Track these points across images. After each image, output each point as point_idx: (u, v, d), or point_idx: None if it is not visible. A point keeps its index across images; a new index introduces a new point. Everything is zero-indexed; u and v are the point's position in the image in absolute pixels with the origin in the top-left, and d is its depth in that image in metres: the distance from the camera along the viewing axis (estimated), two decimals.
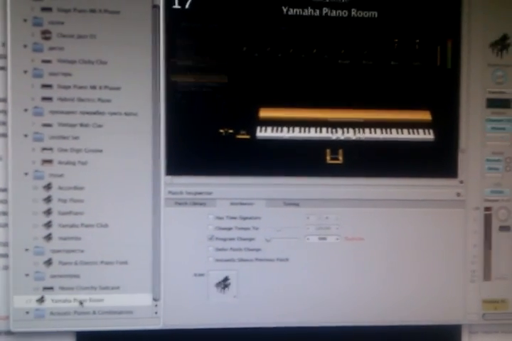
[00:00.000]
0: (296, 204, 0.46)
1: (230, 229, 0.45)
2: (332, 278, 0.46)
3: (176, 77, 0.44)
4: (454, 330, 0.48)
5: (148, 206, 0.44)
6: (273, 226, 0.45)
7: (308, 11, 0.46)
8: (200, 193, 0.45)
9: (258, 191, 0.45)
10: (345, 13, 0.46)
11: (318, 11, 0.46)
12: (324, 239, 0.46)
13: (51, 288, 0.43)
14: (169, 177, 0.44)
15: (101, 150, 0.44)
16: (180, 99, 0.44)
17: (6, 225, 0.43)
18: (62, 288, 0.44)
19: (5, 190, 0.43)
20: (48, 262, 0.43)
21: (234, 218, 0.45)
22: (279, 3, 0.45)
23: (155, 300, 0.44)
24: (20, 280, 0.43)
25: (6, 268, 0.43)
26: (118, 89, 0.44)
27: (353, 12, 0.46)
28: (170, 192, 0.44)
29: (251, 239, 0.45)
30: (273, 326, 0.46)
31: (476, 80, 0.47)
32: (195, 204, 0.45)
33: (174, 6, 0.44)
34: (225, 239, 0.45)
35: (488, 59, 0.47)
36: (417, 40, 0.46)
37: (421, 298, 0.47)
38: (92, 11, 0.43)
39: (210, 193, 0.45)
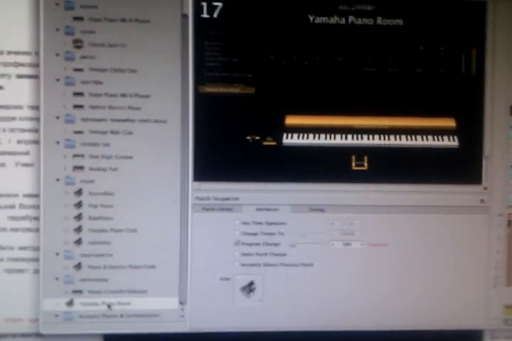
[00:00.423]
0: (321, 210, 0.46)
1: (255, 234, 0.45)
2: (356, 283, 0.46)
3: (204, 85, 0.45)
4: (476, 335, 0.48)
5: (176, 211, 0.44)
6: (298, 231, 0.46)
7: (334, 19, 0.46)
8: (226, 199, 0.45)
9: (283, 197, 0.45)
10: (370, 21, 0.46)
11: (344, 19, 0.46)
12: (348, 244, 0.46)
13: (80, 292, 0.44)
14: (197, 183, 0.45)
15: (131, 157, 0.44)
16: (207, 107, 0.45)
17: (37, 230, 0.43)
18: (90, 292, 0.44)
19: (37, 195, 0.43)
20: (78, 266, 0.44)
21: (260, 223, 0.45)
22: (305, 12, 0.45)
23: (181, 303, 0.45)
24: (50, 283, 0.44)
25: (37, 271, 0.44)
26: (148, 97, 0.44)
27: (379, 20, 0.46)
28: (197, 198, 0.45)
29: (276, 244, 0.45)
30: (297, 330, 0.46)
31: (500, 87, 0.47)
32: (222, 209, 0.45)
33: (203, 15, 0.44)
34: (250, 244, 0.45)
35: None
36: (442, 48, 0.46)
37: (444, 303, 0.47)
38: (123, 20, 0.43)
39: (236, 199, 0.45)
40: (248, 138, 0.45)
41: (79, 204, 0.44)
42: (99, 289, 0.44)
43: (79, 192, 0.44)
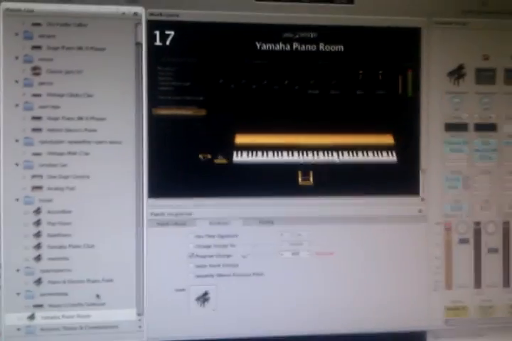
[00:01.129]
0: (271, 223, 0.49)
1: (209, 246, 0.49)
2: (304, 290, 0.50)
3: (158, 108, 0.48)
4: (420, 336, 0.51)
5: (132, 227, 0.48)
6: (249, 243, 0.49)
7: (279, 46, 0.49)
8: (180, 214, 0.48)
9: (235, 211, 0.49)
10: (313, 48, 0.50)
11: (288, 46, 0.50)
12: (297, 254, 0.49)
13: (41, 306, 0.47)
14: (152, 200, 0.48)
15: (88, 176, 0.47)
16: (161, 128, 0.48)
17: None
18: (51, 306, 0.47)
19: None
20: (38, 281, 0.46)
21: (212, 236, 0.49)
22: (252, 39, 0.49)
23: (139, 314, 0.48)
24: (11, 298, 0.46)
25: None
26: (103, 119, 0.47)
27: (321, 46, 0.50)
28: (152, 214, 0.48)
29: (228, 256, 0.49)
30: (250, 336, 0.49)
31: (435, 106, 0.51)
32: (176, 224, 0.48)
33: (156, 43, 0.48)
34: (204, 256, 0.49)
35: (445, 87, 0.51)
36: (380, 71, 0.51)
37: (388, 306, 0.50)
38: (80, 48, 0.47)
39: (190, 214, 0.48)
40: (200, 156, 0.48)
41: (38, 223, 0.47)
42: (59, 303, 0.47)
43: (38, 211, 0.47)
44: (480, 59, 0.52)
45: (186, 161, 0.48)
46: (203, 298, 0.49)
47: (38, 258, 0.46)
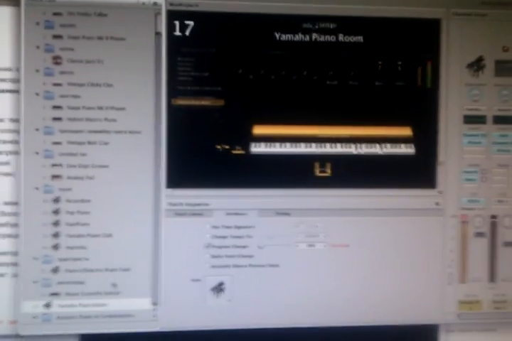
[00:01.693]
0: (287, 214, 0.51)
1: (225, 237, 0.50)
2: (319, 282, 0.51)
3: (177, 98, 0.50)
4: (432, 329, 0.53)
5: (149, 217, 0.49)
6: (265, 234, 0.51)
7: (299, 37, 0.51)
8: (198, 204, 0.50)
9: (252, 202, 0.51)
10: (333, 38, 0.51)
11: (308, 37, 0.51)
12: (313, 245, 0.51)
13: (58, 294, 0.48)
14: (170, 190, 0.50)
15: (107, 166, 0.49)
16: (180, 118, 0.50)
17: (17, 236, 0.48)
18: (68, 294, 0.49)
19: (17, 203, 0.48)
20: (55, 270, 0.48)
21: (229, 227, 0.50)
22: (271, 30, 0.50)
23: (154, 304, 0.49)
24: (28, 286, 0.48)
25: (16, 275, 0.48)
26: (123, 109, 0.49)
27: (340, 37, 0.51)
28: (170, 204, 0.50)
29: (245, 247, 0.51)
30: (264, 327, 0.51)
31: (454, 98, 0.52)
32: (193, 214, 0.50)
33: (175, 33, 0.49)
34: (220, 247, 0.50)
35: (465, 79, 0.52)
36: (399, 62, 0.52)
37: (402, 299, 0.52)
38: (100, 38, 0.48)
39: (207, 204, 0.50)
40: (218, 147, 0.50)
41: (57, 211, 0.48)
42: (75, 291, 0.49)
43: (57, 200, 0.48)
44: (499, 51, 0.53)
45: (204, 152, 0.50)
46: (219, 288, 0.50)
47: (56, 246, 0.48)
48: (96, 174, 0.49)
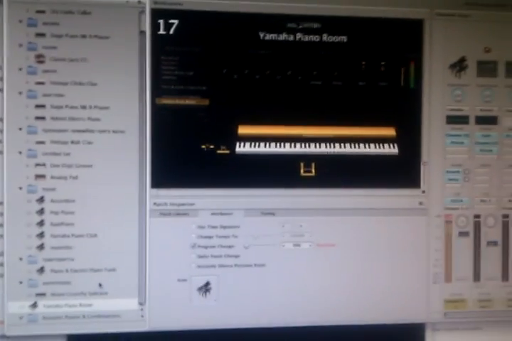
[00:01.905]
0: (272, 214, 0.51)
1: (211, 237, 0.50)
2: (306, 281, 0.51)
3: (161, 97, 0.50)
4: (419, 328, 0.53)
5: (134, 217, 0.49)
6: (251, 234, 0.51)
7: (283, 36, 0.51)
8: (183, 204, 0.50)
9: (237, 202, 0.51)
10: (317, 38, 0.51)
11: (292, 36, 0.51)
12: (298, 245, 0.51)
13: (43, 294, 0.48)
14: (154, 190, 0.49)
15: (91, 166, 0.48)
16: (164, 117, 0.49)
17: (1, 236, 0.47)
18: (53, 294, 0.48)
19: (1, 203, 0.47)
20: (41, 270, 0.48)
21: (215, 227, 0.50)
22: (256, 29, 0.51)
23: (141, 304, 0.49)
24: (14, 287, 0.48)
25: (1, 276, 0.48)
26: (107, 108, 0.48)
27: (324, 37, 0.52)
28: (155, 204, 0.49)
29: (230, 246, 0.51)
30: (251, 327, 0.51)
31: (437, 99, 0.53)
32: (178, 214, 0.50)
33: (160, 32, 0.49)
34: (206, 247, 0.50)
35: (447, 79, 0.53)
36: (383, 63, 0.52)
37: (388, 298, 0.52)
38: (83, 36, 0.48)
39: (192, 204, 0.50)
40: (203, 146, 0.50)
41: (41, 211, 0.48)
42: (61, 292, 0.48)
43: (41, 200, 0.48)
44: (481, 51, 0.53)
45: (189, 151, 0.50)
46: (205, 288, 0.50)
47: (40, 246, 0.48)
48: (80, 174, 0.48)
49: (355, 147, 0.52)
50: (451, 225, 0.53)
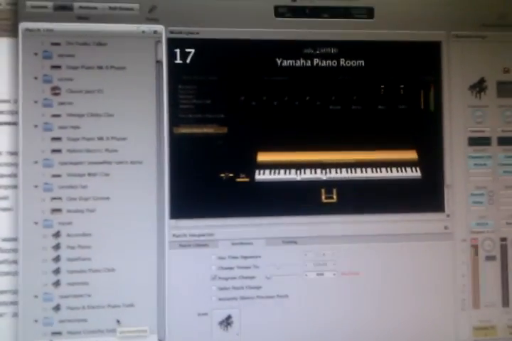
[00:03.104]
0: (294, 242, 0.49)
1: (231, 268, 0.48)
2: (330, 311, 0.49)
3: (179, 127, 0.48)
4: None
5: (153, 249, 0.47)
6: (273, 264, 0.49)
7: (300, 62, 0.50)
8: (202, 235, 0.48)
9: (258, 231, 0.49)
10: (334, 63, 0.51)
11: (309, 62, 0.50)
12: (322, 274, 0.49)
13: (59, 333, 0.46)
14: (173, 221, 0.48)
15: (108, 198, 0.47)
16: (182, 147, 0.48)
17: (16, 273, 0.45)
18: (70, 333, 0.46)
19: (15, 239, 0.46)
20: (57, 308, 0.46)
21: (235, 257, 0.49)
22: (273, 56, 0.50)
23: (160, 340, 0.47)
24: (29, 326, 0.45)
25: (16, 315, 0.45)
26: (124, 139, 0.47)
27: (342, 62, 0.51)
28: (174, 235, 0.48)
29: (252, 277, 0.49)
30: None
31: (458, 121, 0.52)
32: (198, 245, 0.48)
33: (176, 61, 0.48)
34: (227, 278, 0.48)
35: (467, 101, 0.52)
36: (402, 86, 0.51)
37: (415, 327, 0.50)
38: (100, 67, 0.47)
39: (212, 234, 0.48)
40: (222, 175, 0.49)
41: (57, 246, 0.46)
42: (78, 330, 0.46)
43: (57, 235, 0.46)
44: (500, 72, 0.53)
45: (208, 180, 0.49)
46: (226, 321, 0.48)
47: (56, 283, 0.46)
48: (97, 207, 0.47)
49: (376, 171, 0.51)
50: (477, 249, 0.52)
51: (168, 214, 0.48)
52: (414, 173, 0.51)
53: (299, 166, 0.50)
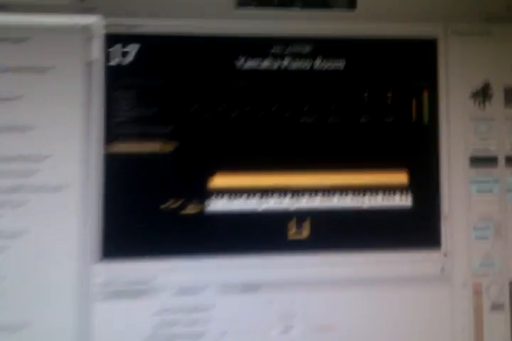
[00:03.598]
0: (255, 289, 0.55)
1: (175, 323, 0.54)
2: None
3: (114, 144, 0.54)
4: None
5: (74, 300, 0.53)
6: (228, 316, 0.54)
7: (266, 63, 0.57)
8: (139, 281, 0.54)
9: (209, 275, 0.55)
10: (308, 65, 0.58)
11: (276, 64, 0.57)
12: (290, 329, 0.56)
13: None
14: (103, 263, 0.53)
15: (23, 233, 0.53)
16: (117, 170, 0.54)
17: None
18: None
19: None
20: None
21: (181, 310, 0.54)
22: (234, 55, 0.56)
23: None
24: None
25: None
26: (44, 159, 0.53)
27: (317, 63, 0.58)
28: (103, 282, 0.53)
29: (201, 335, 0.54)
30: None
31: (458, 136, 0.59)
32: (133, 295, 0.53)
33: (113, 62, 0.54)
34: (170, 337, 0.54)
35: (469, 112, 0.60)
36: (389, 93, 0.59)
37: None
38: (17, 69, 0.53)
39: (151, 280, 0.54)
40: (166, 204, 0.55)
41: None
42: None
43: None
44: (509, 76, 0.61)
45: (148, 211, 0.54)
46: None
47: None
48: (9, 244, 0.52)
49: (358, 199, 0.58)
50: (481, 296, 0.58)
51: (96, 253, 0.53)
52: (403, 201, 0.58)
53: (261, 193, 0.56)
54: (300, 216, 0.58)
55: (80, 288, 0.54)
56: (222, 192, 0.56)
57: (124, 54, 0.55)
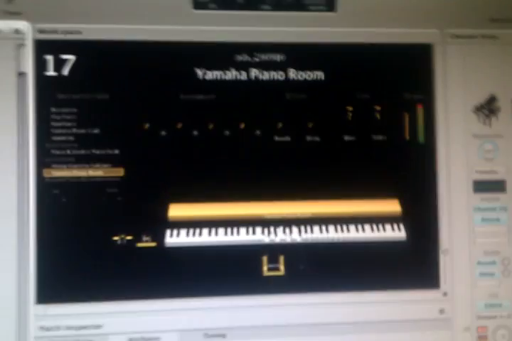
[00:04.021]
0: (222, 336, 0.53)
1: None
2: None
3: (51, 169, 0.52)
4: None
5: None
6: None
7: (231, 74, 0.55)
8: (85, 327, 0.52)
9: (168, 320, 0.53)
10: (281, 76, 0.56)
11: (244, 74, 0.55)
12: None
13: None
14: (41, 307, 0.51)
15: None
16: (56, 198, 0.52)
17: None
18: None
19: None
20: None
21: None
22: (192, 65, 0.55)
23: None
24: None
25: None
26: None
27: (292, 74, 0.56)
28: (42, 328, 0.51)
29: None
30: None
31: (459, 157, 0.57)
32: None
33: (48, 73, 0.53)
34: None
35: (472, 128, 0.57)
36: (377, 108, 0.56)
37: None
38: None
39: (99, 326, 0.52)
40: (116, 238, 0.53)
41: None
42: None
43: None
44: None
45: (94, 246, 0.52)
46: None
47: None
48: None
49: (342, 231, 0.55)
50: None
51: (34, 296, 0.51)
52: (396, 233, 0.56)
53: (229, 224, 0.54)
54: (275, 250, 0.55)
55: (17, 336, 0.51)
56: (183, 223, 0.54)
57: (62, 63, 0.53)
